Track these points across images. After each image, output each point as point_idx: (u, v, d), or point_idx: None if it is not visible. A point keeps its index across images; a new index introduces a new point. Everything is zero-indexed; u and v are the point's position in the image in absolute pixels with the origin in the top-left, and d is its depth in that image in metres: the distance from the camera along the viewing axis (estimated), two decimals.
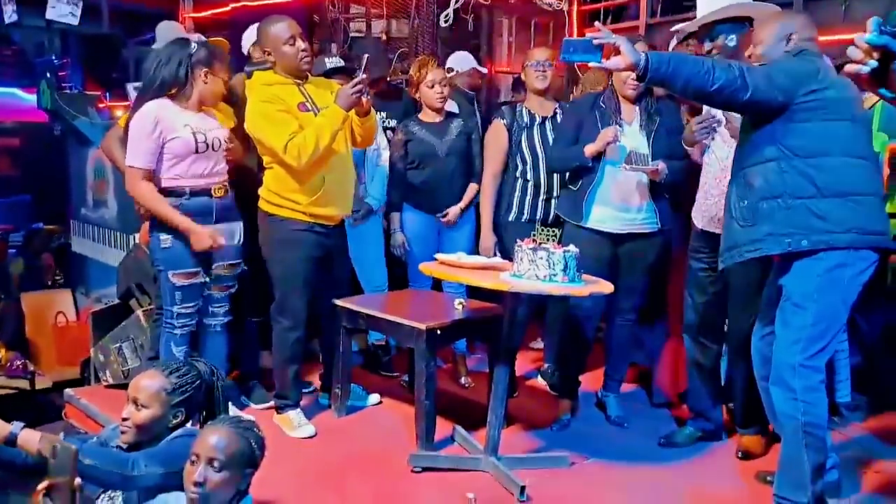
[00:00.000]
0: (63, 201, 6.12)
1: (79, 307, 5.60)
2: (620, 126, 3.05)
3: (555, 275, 2.52)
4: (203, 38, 2.99)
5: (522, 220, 3.40)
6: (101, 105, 9.11)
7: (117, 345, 3.45)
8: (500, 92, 5.88)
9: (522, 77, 3.51)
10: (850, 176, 2.19)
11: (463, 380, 3.67)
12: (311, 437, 3.00)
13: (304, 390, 3.30)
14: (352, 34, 5.67)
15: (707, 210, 2.85)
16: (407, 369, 3.48)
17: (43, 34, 11.50)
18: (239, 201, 3.02)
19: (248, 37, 3.77)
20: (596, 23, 2.21)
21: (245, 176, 3.12)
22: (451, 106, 3.85)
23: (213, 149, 2.85)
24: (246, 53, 3.77)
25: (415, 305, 3.23)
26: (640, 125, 3.09)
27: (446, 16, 4.94)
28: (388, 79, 4.92)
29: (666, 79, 2.14)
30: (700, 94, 2.18)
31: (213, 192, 2.87)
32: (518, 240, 2.65)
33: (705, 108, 2.81)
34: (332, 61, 3.60)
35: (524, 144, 3.39)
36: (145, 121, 2.73)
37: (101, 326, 3.62)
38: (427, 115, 3.56)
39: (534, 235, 2.66)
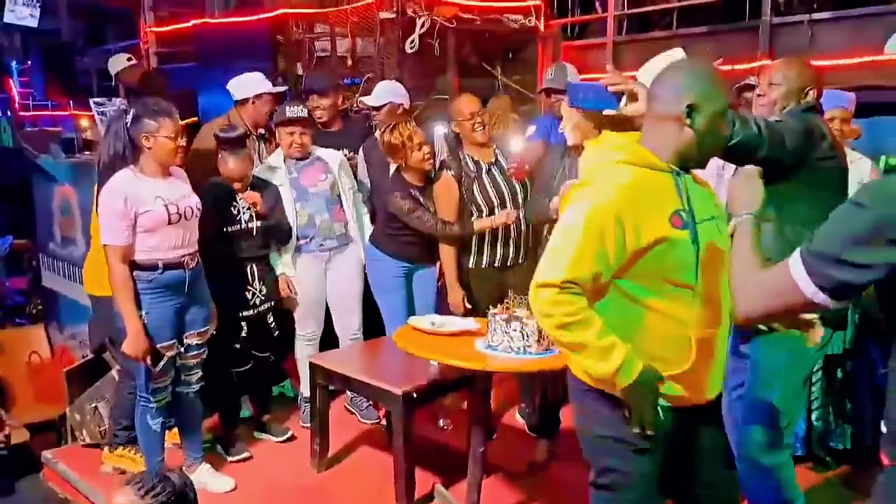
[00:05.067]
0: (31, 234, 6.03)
1: (53, 344, 5.54)
2: None
3: (529, 346, 2.55)
4: (136, 104, 2.87)
5: (484, 266, 3.43)
6: (66, 112, 8.94)
7: (93, 404, 3.43)
8: None
9: (454, 129, 3.48)
10: None
11: (441, 422, 3.70)
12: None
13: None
14: (317, 53, 5.58)
15: None
16: (386, 413, 3.50)
17: (2, 37, 11.25)
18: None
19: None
20: (607, 66, 2.19)
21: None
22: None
23: (185, 218, 2.83)
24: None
25: (390, 363, 3.24)
26: None
27: (412, 42, 4.89)
28: (353, 107, 4.87)
29: None
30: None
31: (185, 263, 2.85)
32: (491, 307, 2.69)
33: None
34: (294, 110, 3.55)
35: (478, 195, 3.41)
36: (115, 199, 2.70)
37: (75, 384, 3.59)
38: (415, 178, 3.48)
39: (507, 303, 2.68)
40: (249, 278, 3.36)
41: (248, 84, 3.90)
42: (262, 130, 3.92)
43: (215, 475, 3.11)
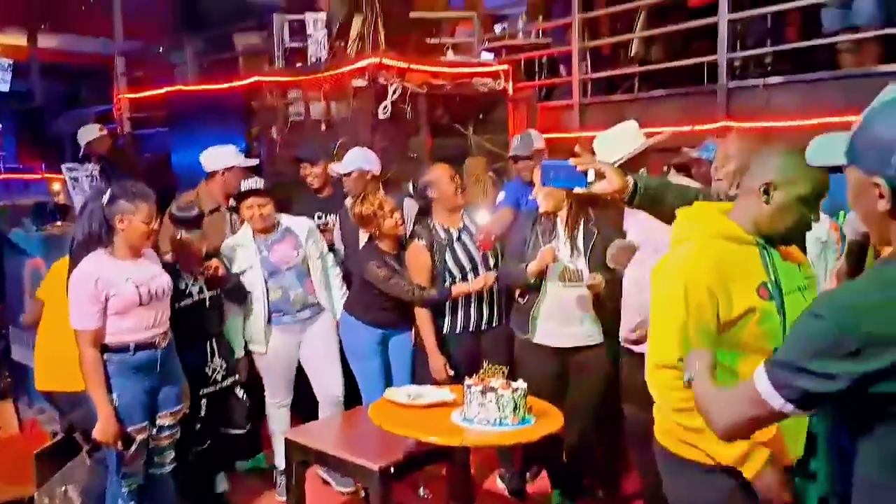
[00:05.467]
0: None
1: (22, 418, 5.40)
2: (556, 244, 3.15)
3: (505, 417, 2.57)
4: (115, 185, 2.89)
5: (458, 331, 3.46)
6: (39, 176, 8.90)
7: (62, 487, 3.34)
8: None
9: (430, 195, 3.52)
10: None
11: (421, 491, 3.67)
12: None
13: None
14: (291, 118, 5.67)
15: (628, 327, 2.95)
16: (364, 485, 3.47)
17: None
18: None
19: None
20: (576, 147, 2.28)
21: None
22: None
23: (157, 298, 2.82)
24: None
25: (366, 436, 3.20)
26: (576, 241, 3.19)
27: (384, 108, 4.99)
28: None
29: (652, 203, 2.16)
30: None
31: (157, 343, 2.84)
32: (467, 378, 2.71)
33: (627, 237, 2.93)
34: (248, 182, 3.61)
35: (450, 262, 3.46)
36: (85, 283, 2.70)
37: (45, 466, 3.50)
38: (388, 246, 3.53)
39: (482, 374, 2.71)
40: (209, 354, 3.35)
41: (218, 157, 3.97)
42: (233, 202, 3.96)
43: None
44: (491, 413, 2.57)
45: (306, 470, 3.24)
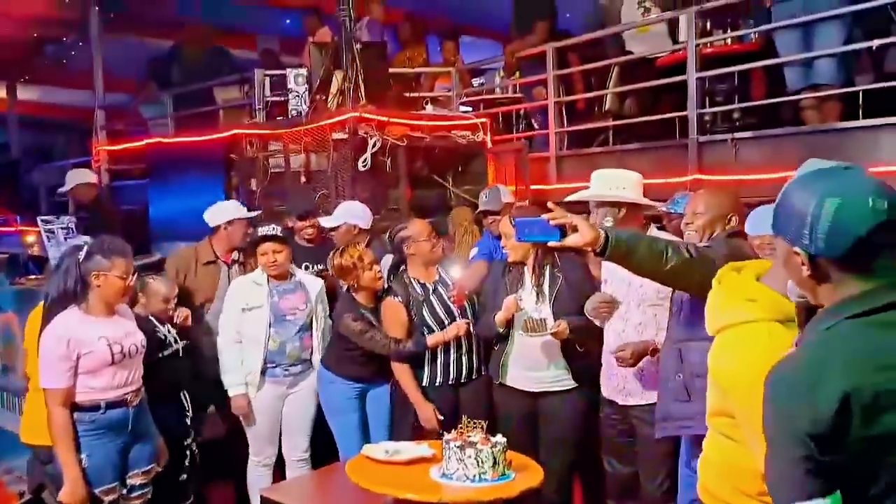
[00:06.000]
0: None
1: None
2: (520, 296, 3.19)
3: (484, 473, 2.56)
4: (92, 241, 2.92)
5: (437, 384, 3.44)
6: (13, 228, 8.81)
7: None
8: None
9: (407, 250, 3.51)
10: None
11: None
12: None
13: None
14: (271, 170, 5.71)
15: (609, 379, 2.97)
16: None
17: None
18: None
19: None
20: (549, 203, 2.32)
21: None
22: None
23: (129, 356, 2.81)
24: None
25: (343, 493, 3.16)
26: (541, 289, 3.22)
27: (364, 160, 5.05)
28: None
29: (623, 256, 2.18)
30: (653, 273, 2.26)
31: (128, 401, 2.81)
32: (446, 433, 2.70)
33: (602, 291, 2.97)
34: (264, 229, 3.64)
35: (427, 316, 3.45)
36: (56, 342, 2.67)
37: None
38: (365, 298, 3.53)
39: (460, 428, 2.70)
40: (185, 405, 3.32)
41: (220, 211, 4.05)
42: (235, 255, 3.98)
43: None
44: (470, 469, 2.56)
45: None
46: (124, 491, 2.84)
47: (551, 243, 2.24)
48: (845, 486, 1.18)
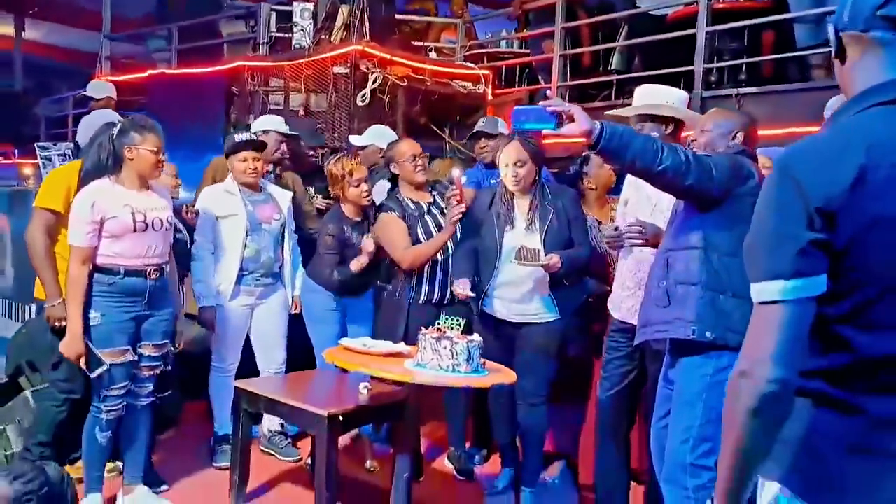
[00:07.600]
0: None
1: None
2: (513, 225, 3.15)
3: (458, 365, 2.53)
4: (128, 120, 2.97)
5: (421, 303, 3.42)
6: (10, 161, 8.76)
7: (0, 427, 3.23)
8: None
9: (393, 170, 3.51)
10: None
11: (368, 463, 3.59)
12: None
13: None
14: (270, 106, 5.67)
15: (623, 301, 2.91)
16: (310, 452, 3.38)
17: None
18: None
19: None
20: (548, 92, 2.24)
21: None
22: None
23: (153, 228, 2.85)
24: None
25: (317, 388, 3.17)
26: (531, 221, 3.18)
27: (363, 95, 5.02)
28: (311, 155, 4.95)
29: (617, 150, 2.13)
30: (646, 172, 2.19)
31: (147, 273, 2.85)
32: (423, 328, 2.67)
33: (618, 222, 2.91)
34: (242, 136, 3.60)
35: (421, 233, 3.42)
36: (83, 205, 2.79)
37: None
38: (351, 212, 3.55)
39: (439, 324, 2.68)
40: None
41: (263, 122, 4.10)
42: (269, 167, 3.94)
43: (153, 498, 3.01)
44: (444, 360, 2.53)
45: (251, 426, 3.16)
46: (135, 359, 2.87)
47: (546, 131, 2.20)
48: (834, 275, 1.19)
